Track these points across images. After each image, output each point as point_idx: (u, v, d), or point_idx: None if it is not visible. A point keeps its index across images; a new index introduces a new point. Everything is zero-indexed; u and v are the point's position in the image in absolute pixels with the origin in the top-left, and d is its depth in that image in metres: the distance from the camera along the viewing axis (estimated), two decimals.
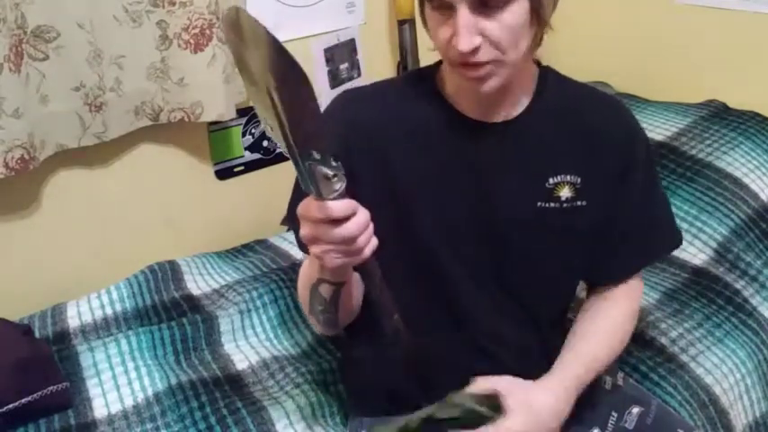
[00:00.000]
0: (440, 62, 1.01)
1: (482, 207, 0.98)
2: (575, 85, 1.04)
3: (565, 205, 0.98)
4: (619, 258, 1.06)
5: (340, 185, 0.74)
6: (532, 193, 0.98)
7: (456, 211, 0.98)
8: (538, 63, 1.02)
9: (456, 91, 0.98)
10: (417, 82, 1.02)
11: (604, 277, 1.08)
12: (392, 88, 1.04)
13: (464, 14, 0.82)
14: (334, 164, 0.72)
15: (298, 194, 1.05)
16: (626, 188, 1.01)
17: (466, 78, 0.88)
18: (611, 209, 1.01)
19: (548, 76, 1.01)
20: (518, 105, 0.98)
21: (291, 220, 1.04)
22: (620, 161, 1.00)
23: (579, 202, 0.98)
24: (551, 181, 0.97)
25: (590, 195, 0.98)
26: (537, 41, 0.92)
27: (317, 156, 0.71)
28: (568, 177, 0.97)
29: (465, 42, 0.82)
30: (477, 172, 0.97)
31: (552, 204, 0.98)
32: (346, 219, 0.76)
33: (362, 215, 0.78)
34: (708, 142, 1.66)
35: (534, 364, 1.01)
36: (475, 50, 0.83)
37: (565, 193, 0.98)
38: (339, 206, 0.75)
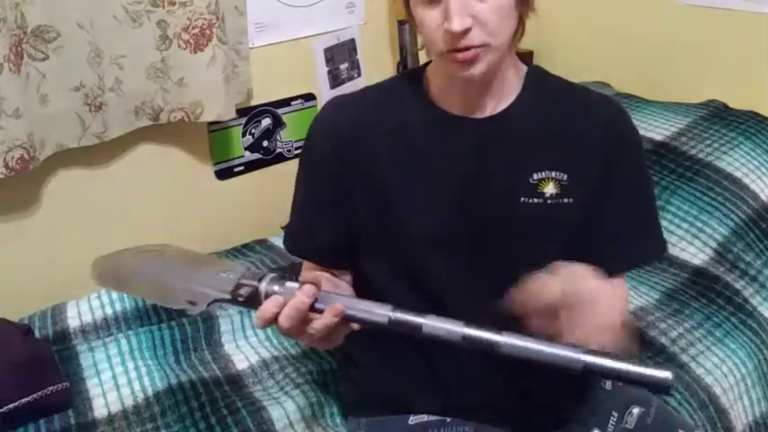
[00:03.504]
0: (426, 64, 1.02)
1: (466, 202, 0.98)
2: (564, 83, 1.04)
3: (549, 201, 0.98)
4: (601, 261, 1.04)
5: (231, 297, 0.83)
6: (516, 188, 0.98)
7: (441, 208, 0.99)
8: (525, 62, 1.02)
9: (440, 88, 0.99)
10: (403, 84, 1.03)
11: None
12: (376, 91, 1.05)
13: None
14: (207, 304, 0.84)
15: (298, 200, 1.07)
16: (612, 188, 1.00)
17: (454, 62, 0.89)
18: (598, 208, 1.00)
19: (535, 74, 1.01)
20: (503, 102, 0.98)
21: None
22: (607, 160, 0.99)
23: (566, 199, 0.98)
24: (535, 176, 0.97)
25: (577, 193, 0.98)
26: (519, 32, 0.92)
27: (192, 309, 0.84)
28: (553, 173, 0.97)
29: (457, 23, 0.84)
30: (460, 167, 0.98)
31: (536, 200, 0.98)
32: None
33: (261, 310, 0.81)
34: (708, 142, 1.66)
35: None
36: (466, 32, 0.85)
37: (549, 189, 0.98)
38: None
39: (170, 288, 0.87)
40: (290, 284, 0.81)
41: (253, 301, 0.81)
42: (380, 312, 0.80)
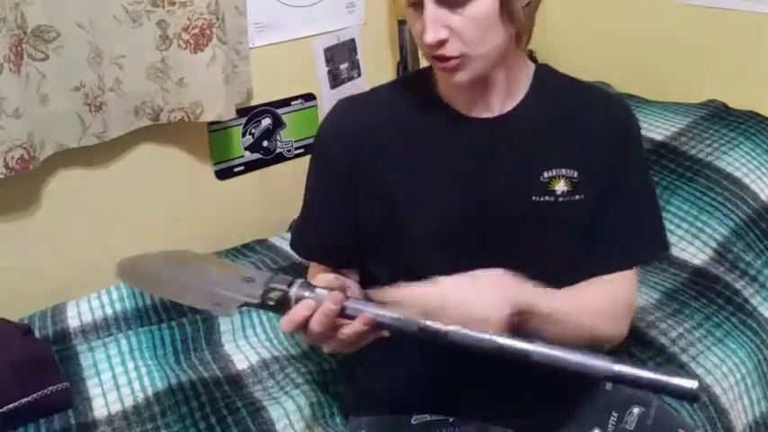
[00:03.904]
0: None
1: (475, 202, 0.98)
2: (570, 81, 1.04)
3: (560, 199, 0.98)
4: (601, 260, 1.04)
5: (261, 300, 0.83)
6: (527, 186, 0.97)
7: (450, 207, 0.99)
8: (534, 60, 1.02)
9: (447, 88, 0.99)
10: (412, 83, 1.04)
11: (584, 276, 1.03)
12: (386, 91, 1.05)
13: (430, 8, 0.86)
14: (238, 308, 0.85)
15: (309, 201, 1.07)
16: (618, 186, 1.00)
17: (439, 70, 0.92)
18: (605, 206, 1.00)
19: (543, 73, 1.02)
20: (511, 101, 0.98)
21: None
22: (613, 159, 0.99)
23: (577, 196, 0.98)
24: (546, 175, 0.97)
25: (588, 189, 0.98)
26: (520, 38, 0.92)
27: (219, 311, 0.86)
28: (563, 171, 0.97)
29: (430, 35, 0.86)
30: (470, 167, 0.98)
31: (547, 198, 0.98)
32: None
33: (292, 314, 0.81)
34: (708, 142, 1.66)
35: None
36: (442, 43, 0.87)
37: (560, 186, 0.98)
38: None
39: (196, 290, 0.88)
40: (320, 291, 0.82)
41: (282, 305, 0.82)
42: (410, 321, 0.81)
